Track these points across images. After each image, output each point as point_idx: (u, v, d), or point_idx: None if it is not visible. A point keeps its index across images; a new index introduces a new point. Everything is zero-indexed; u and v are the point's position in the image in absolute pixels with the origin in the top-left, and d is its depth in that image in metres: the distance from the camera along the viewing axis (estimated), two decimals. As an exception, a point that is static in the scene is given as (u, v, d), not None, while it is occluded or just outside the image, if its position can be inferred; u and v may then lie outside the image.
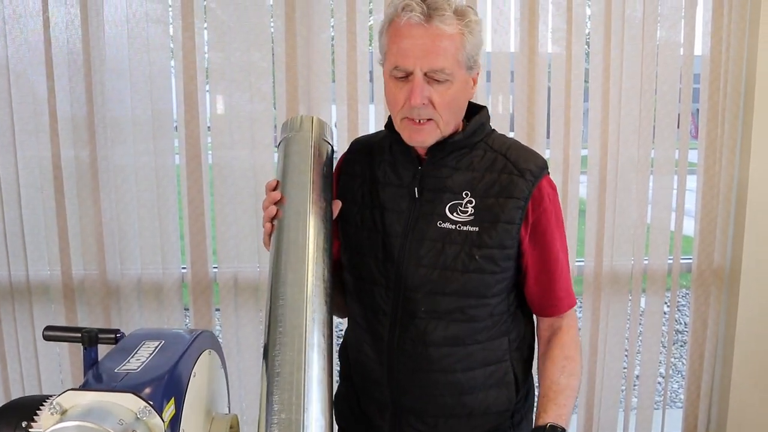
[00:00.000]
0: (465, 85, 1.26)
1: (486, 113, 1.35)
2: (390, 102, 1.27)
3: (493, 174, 1.29)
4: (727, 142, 2.53)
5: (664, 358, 2.72)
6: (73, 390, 0.84)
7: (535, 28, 2.43)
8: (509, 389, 1.37)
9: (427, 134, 1.25)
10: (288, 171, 1.29)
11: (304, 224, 1.18)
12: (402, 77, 1.22)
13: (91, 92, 2.36)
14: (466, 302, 1.30)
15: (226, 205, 2.45)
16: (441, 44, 1.18)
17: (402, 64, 1.20)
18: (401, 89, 1.22)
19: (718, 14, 2.47)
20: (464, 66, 1.23)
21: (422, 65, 1.19)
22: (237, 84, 2.42)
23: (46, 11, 2.32)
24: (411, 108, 1.22)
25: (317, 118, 1.40)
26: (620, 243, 2.57)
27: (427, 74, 1.20)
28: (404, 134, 1.27)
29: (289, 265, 1.13)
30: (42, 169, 2.41)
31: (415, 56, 1.19)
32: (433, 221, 1.29)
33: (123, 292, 2.47)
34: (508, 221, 1.27)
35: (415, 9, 1.17)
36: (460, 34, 1.20)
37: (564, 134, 2.49)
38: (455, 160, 1.30)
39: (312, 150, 1.30)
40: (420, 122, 1.24)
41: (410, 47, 1.19)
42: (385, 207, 1.34)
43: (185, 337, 1.08)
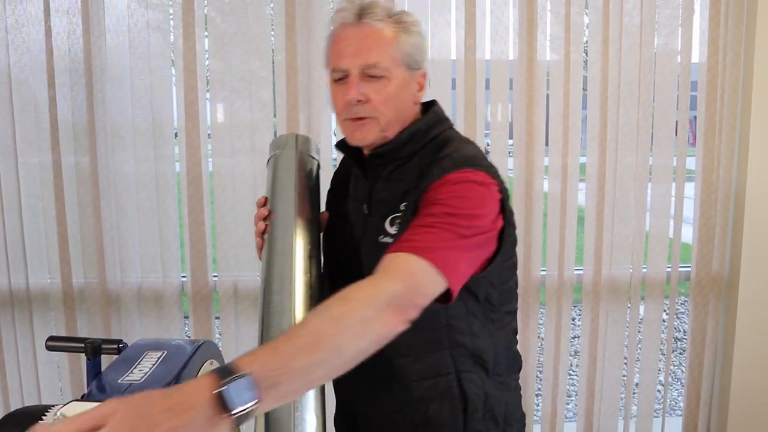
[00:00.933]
0: (405, 84, 1.25)
1: (430, 119, 1.29)
2: (334, 107, 1.27)
3: (424, 182, 1.21)
4: (725, 149, 2.55)
5: (664, 366, 2.72)
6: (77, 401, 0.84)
7: (533, 37, 2.44)
8: (453, 402, 1.27)
9: (367, 131, 1.24)
10: (276, 187, 1.34)
11: (291, 236, 1.22)
12: (341, 79, 1.23)
13: (92, 100, 2.37)
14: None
15: (226, 214, 2.46)
16: (373, 41, 1.21)
17: (338, 64, 1.22)
18: (340, 91, 1.23)
19: (715, 23, 2.48)
20: (402, 64, 1.23)
21: (356, 62, 1.20)
22: (237, 92, 2.43)
23: (48, 20, 2.34)
24: (349, 106, 1.22)
25: (303, 136, 1.46)
26: (619, 251, 2.58)
27: (364, 72, 1.21)
28: (346, 135, 1.28)
29: (278, 275, 1.17)
30: (42, 177, 2.42)
31: (348, 55, 1.21)
32: (376, 236, 1.26)
33: (123, 300, 2.47)
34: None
35: (347, 10, 1.22)
36: (394, 31, 1.22)
37: (563, 142, 2.50)
38: (392, 171, 1.28)
39: (297, 166, 1.36)
40: (360, 119, 1.24)
41: (344, 47, 1.22)
42: (349, 220, 1.35)
43: (187, 347, 1.08)
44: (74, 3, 2.34)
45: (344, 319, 0.91)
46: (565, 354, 2.63)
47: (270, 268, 1.18)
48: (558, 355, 2.61)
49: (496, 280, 1.28)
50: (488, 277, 1.25)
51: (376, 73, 1.21)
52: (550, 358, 2.61)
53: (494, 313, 1.30)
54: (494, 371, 1.31)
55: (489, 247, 1.21)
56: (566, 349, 2.63)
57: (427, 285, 1.05)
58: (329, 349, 0.88)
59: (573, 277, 2.57)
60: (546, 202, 2.54)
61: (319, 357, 0.86)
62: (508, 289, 1.32)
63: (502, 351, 1.33)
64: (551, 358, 2.61)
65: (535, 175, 2.50)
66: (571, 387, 3.93)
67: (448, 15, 2.43)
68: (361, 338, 0.93)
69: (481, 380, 1.29)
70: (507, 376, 1.34)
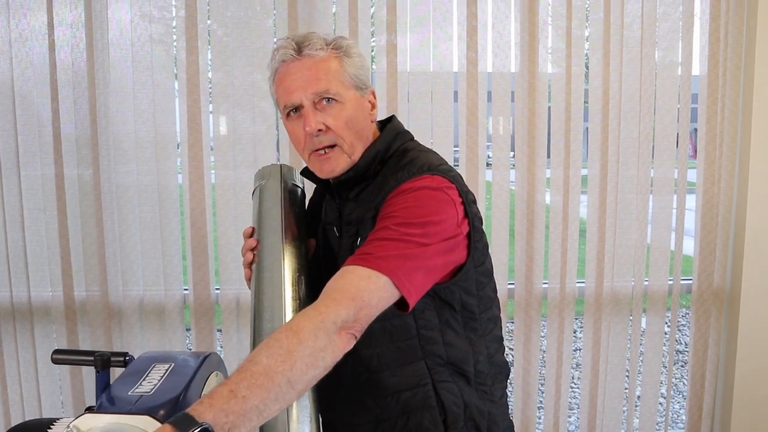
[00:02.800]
0: (359, 105, 1.26)
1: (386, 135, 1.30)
2: (294, 144, 1.27)
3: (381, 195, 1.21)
4: (726, 161, 2.56)
5: (665, 379, 2.72)
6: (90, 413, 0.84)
7: (534, 50, 2.46)
8: (432, 413, 1.26)
9: (335, 162, 1.25)
10: (261, 218, 1.36)
11: (280, 265, 1.23)
12: (295, 112, 1.23)
13: (95, 113, 2.38)
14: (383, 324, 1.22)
15: (228, 227, 2.46)
16: (318, 70, 1.21)
17: (288, 100, 1.22)
18: (298, 125, 1.23)
19: (715, 36, 2.50)
20: (351, 86, 1.25)
21: (306, 93, 1.21)
22: (240, 105, 2.44)
23: (51, 34, 2.35)
24: (310, 138, 1.22)
25: (286, 165, 1.48)
26: (621, 263, 2.58)
27: (316, 101, 1.21)
28: (315, 169, 1.28)
29: (269, 304, 1.17)
30: (45, 190, 2.42)
31: (297, 88, 1.21)
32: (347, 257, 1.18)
33: (125, 313, 2.47)
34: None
35: (286, 47, 1.22)
36: (336, 57, 1.23)
37: (564, 154, 2.51)
38: (358, 193, 1.29)
39: (282, 195, 1.37)
40: (325, 152, 1.24)
41: (291, 82, 1.22)
42: (325, 245, 1.37)
43: (194, 359, 1.08)
44: (78, 17, 2.35)
45: (294, 354, 0.91)
46: (567, 366, 2.62)
47: (260, 297, 1.19)
48: (560, 367, 2.60)
49: (472, 287, 1.27)
50: (461, 283, 1.24)
51: (330, 97, 1.21)
52: (551, 371, 2.61)
53: (475, 321, 1.29)
54: (476, 380, 1.30)
55: (457, 253, 1.20)
56: (568, 362, 2.62)
57: (376, 297, 1.04)
58: (283, 385, 0.89)
59: (575, 289, 2.57)
60: (547, 215, 2.55)
61: (274, 393, 0.88)
62: (485, 295, 1.31)
63: (484, 360, 1.32)
64: (553, 370, 2.61)
65: (537, 188, 2.51)
66: (573, 400, 3.92)
67: (449, 28, 2.45)
68: (313, 368, 0.94)
69: (460, 390, 1.28)
70: (492, 385, 1.33)
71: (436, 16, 2.44)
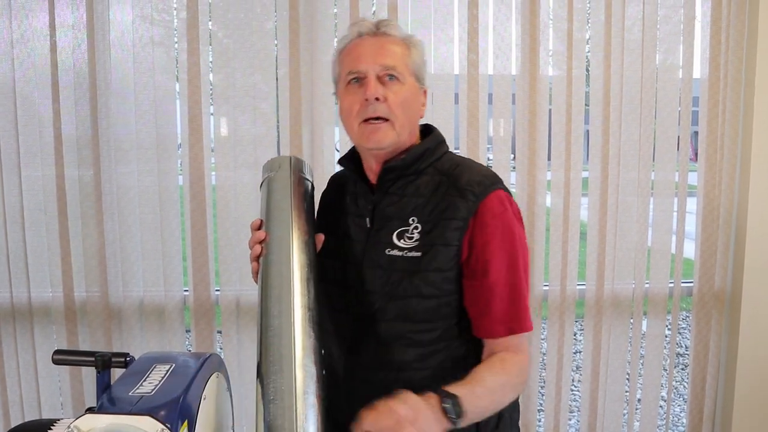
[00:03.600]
0: (416, 93, 1.33)
1: (435, 138, 1.38)
2: (346, 113, 1.31)
3: (437, 197, 1.29)
4: (727, 164, 2.55)
5: (666, 382, 2.71)
6: (91, 413, 0.84)
7: (535, 52, 2.46)
8: None
9: (384, 133, 1.29)
10: (270, 210, 1.34)
11: (288, 259, 1.21)
12: (356, 80, 1.29)
13: (96, 114, 2.38)
14: (413, 327, 1.29)
15: (229, 228, 2.46)
16: (390, 47, 1.29)
17: (355, 67, 1.28)
18: (356, 93, 1.29)
19: (716, 39, 2.50)
20: (413, 74, 1.32)
21: (374, 64, 1.27)
22: (240, 106, 2.44)
23: (53, 35, 2.35)
24: (367, 105, 1.27)
25: (295, 157, 1.47)
26: (621, 266, 2.58)
27: (381, 74, 1.27)
28: (362, 137, 1.31)
29: (276, 299, 1.16)
30: (46, 191, 2.42)
31: (366, 58, 1.28)
32: (383, 249, 1.30)
33: (125, 314, 2.47)
34: (446, 243, 1.26)
35: (363, 24, 1.31)
36: (406, 44, 1.32)
37: (565, 157, 2.51)
38: (401, 187, 1.33)
39: (291, 188, 1.36)
40: (377, 121, 1.28)
41: (362, 52, 1.29)
42: (348, 236, 1.37)
43: (194, 360, 1.08)
44: (79, 18, 2.35)
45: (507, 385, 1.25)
46: (567, 369, 2.62)
47: (267, 291, 1.18)
48: (560, 370, 2.60)
49: None
50: None
51: (394, 74, 1.28)
52: (552, 373, 2.60)
53: None
54: None
55: None
56: (568, 364, 2.62)
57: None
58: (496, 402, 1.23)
59: (575, 292, 2.57)
60: (548, 217, 2.54)
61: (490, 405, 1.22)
62: None
63: None
64: (553, 373, 2.60)
65: (538, 190, 2.51)
66: (573, 402, 3.92)
67: (450, 30, 2.45)
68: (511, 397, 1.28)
69: None
70: None
71: (436, 18, 2.45)
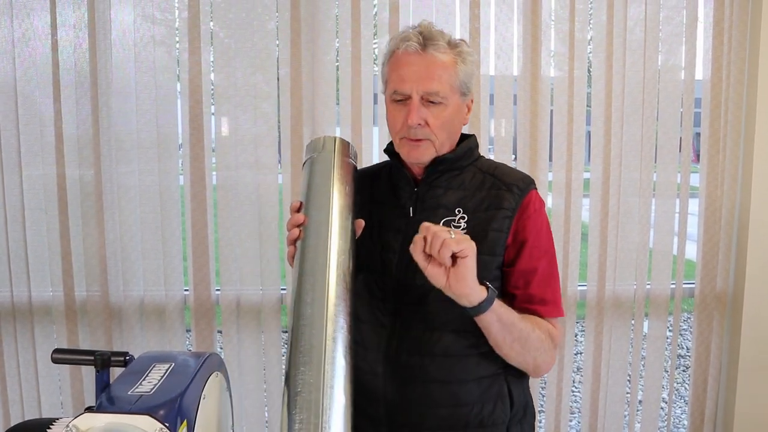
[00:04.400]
0: (459, 110, 1.37)
1: (474, 140, 1.45)
2: (390, 124, 1.38)
3: (482, 192, 1.38)
4: (729, 165, 2.55)
5: (667, 383, 2.71)
6: (89, 412, 0.83)
7: (537, 53, 2.45)
8: (504, 403, 1.38)
9: (423, 151, 1.35)
10: (311, 192, 1.31)
11: (326, 245, 1.20)
12: (401, 101, 1.33)
13: (97, 114, 2.38)
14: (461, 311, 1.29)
15: (229, 228, 2.46)
16: (435, 70, 1.30)
17: (400, 88, 1.32)
18: (400, 111, 1.33)
19: (718, 40, 2.50)
20: (458, 92, 1.34)
21: (418, 89, 1.30)
22: (241, 106, 2.44)
23: (54, 34, 2.35)
24: (408, 128, 1.32)
25: (340, 139, 1.44)
26: (623, 267, 2.57)
27: (423, 97, 1.31)
28: (403, 151, 1.37)
29: (310, 286, 1.14)
30: (46, 190, 2.42)
31: (412, 81, 1.30)
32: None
33: (125, 313, 2.46)
34: (498, 229, 1.34)
35: (412, 39, 1.31)
36: (453, 62, 1.32)
37: (566, 157, 2.50)
38: (447, 180, 1.40)
39: (334, 171, 1.33)
40: (417, 140, 1.34)
41: (408, 73, 1.31)
42: (382, 224, 1.41)
43: (194, 359, 1.08)
44: (81, 17, 2.35)
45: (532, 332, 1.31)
46: (568, 370, 2.61)
47: (302, 278, 1.16)
48: (561, 371, 2.59)
49: None
50: None
51: (436, 100, 1.31)
52: (553, 374, 2.60)
53: None
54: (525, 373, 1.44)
55: None
56: (569, 365, 2.62)
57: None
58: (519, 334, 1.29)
59: (576, 292, 2.57)
60: (549, 218, 2.53)
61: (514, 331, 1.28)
62: None
63: None
64: (554, 374, 2.60)
65: (539, 191, 2.49)
66: (574, 403, 3.91)
67: (452, 30, 2.45)
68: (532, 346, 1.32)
69: (523, 386, 1.46)
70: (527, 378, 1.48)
71: (438, 19, 2.44)
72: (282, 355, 2.56)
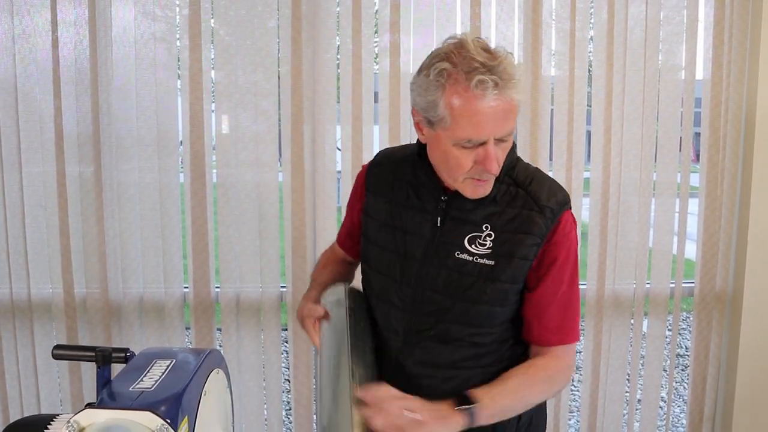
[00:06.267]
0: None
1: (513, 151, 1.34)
2: (453, 166, 1.24)
3: (513, 209, 1.30)
4: (729, 165, 2.55)
5: (666, 383, 2.71)
6: (90, 408, 0.83)
7: (538, 52, 2.45)
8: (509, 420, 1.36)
9: (487, 187, 1.28)
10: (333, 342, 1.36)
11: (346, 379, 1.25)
12: (470, 144, 1.20)
13: (98, 111, 2.38)
14: (475, 330, 1.33)
15: (229, 225, 2.46)
16: (510, 114, 1.19)
17: (477, 137, 1.18)
18: (468, 155, 1.21)
19: (719, 40, 2.50)
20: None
21: (496, 133, 1.19)
22: (242, 104, 2.43)
23: (55, 31, 2.35)
24: (483, 173, 1.23)
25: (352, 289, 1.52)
26: (622, 266, 2.57)
27: (497, 139, 1.21)
28: (466, 191, 1.28)
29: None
30: (46, 187, 2.42)
31: (490, 128, 1.18)
32: (452, 251, 1.31)
33: (125, 310, 2.46)
34: (524, 257, 1.28)
35: (489, 86, 1.14)
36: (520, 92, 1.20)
37: (566, 157, 2.50)
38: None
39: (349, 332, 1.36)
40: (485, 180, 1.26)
41: (485, 121, 1.17)
42: (407, 230, 1.36)
43: (195, 355, 1.08)
44: (81, 14, 2.35)
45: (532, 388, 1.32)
46: (568, 369, 2.61)
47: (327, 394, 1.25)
48: (561, 370, 2.59)
49: None
50: None
51: (506, 139, 1.22)
52: (552, 374, 2.59)
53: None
54: None
55: None
56: (569, 365, 2.61)
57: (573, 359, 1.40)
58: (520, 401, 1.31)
59: (576, 291, 2.56)
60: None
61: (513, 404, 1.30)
62: None
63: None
64: (554, 373, 2.59)
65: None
66: (573, 402, 3.91)
67: (452, 29, 2.45)
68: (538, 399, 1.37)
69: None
70: None
71: (439, 17, 2.44)
72: (281, 353, 2.56)
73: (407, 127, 2.43)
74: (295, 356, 2.53)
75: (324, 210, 2.47)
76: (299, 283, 2.47)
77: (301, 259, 2.47)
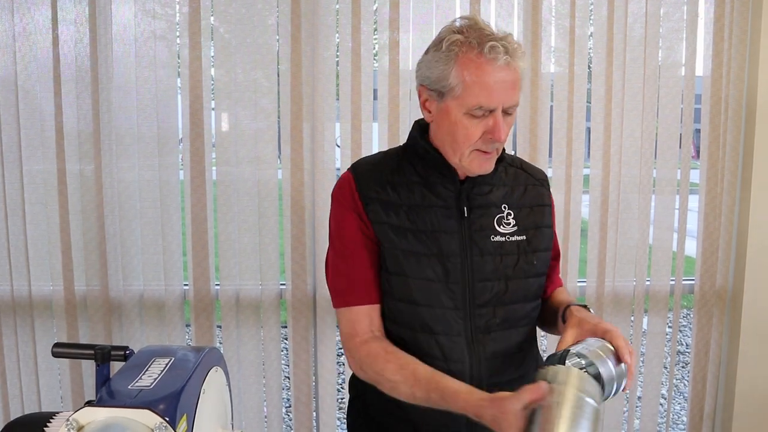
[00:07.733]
0: None
1: None
2: (461, 138, 1.27)
3: (520, 186, 1.42)
4: (729, 162, 2.55)
5: (666, 380, 2.71)
6: (89, 406, 0.84)
7: (537, 49, 2.45)
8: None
9: (493, 161, 1.33)
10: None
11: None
12: (480, 112, 1.24)
13: (98, 108, 2.38)
14: (531, 305, 1.40)
15: (229, 223, 2.46)
16: (518, 83, 1.25)
17: (488, 103, 1.23)
18: (477, 125, 1.25)
19: (719, 37, 2.49)
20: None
21: (504, 102, 1.24)
22: (241, 102, 2.44)
23: (55, 29, 2.35)
24: (492, 143, 1.26)
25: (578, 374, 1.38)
26: (622, 263, 2.57)
27: (505, 110, 1.25)
28: (472, 165, 1.30)
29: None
30: (47, 184, 2.42)
31: (500, 95, 1.23)
32: (486, 236, 1.35)
33: (125, 308, 2.47)
34: (548, 225, 1.43)
35: (500, 51, 1.20)
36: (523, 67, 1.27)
37: (566, 154, 2.50)
38: (491, 176, 1.36)
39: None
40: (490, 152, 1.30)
41: (496, 86, 1.22)
42: (435, 229, 1.33)
43: (194, 353, 1.08)
44: (81, 12, 2.35)
45: None
46: (568, 366, 2.61)
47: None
48: (561, 367, 2.59)
49: None
50: None
51: (511, 111, 1.27)
52: (552, 370, 2.60)
53: None
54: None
55: None
56: (569, 362, 2.61)
57: None
58: None
59: (576, 289, 2.57)
60: (549, 213, 2.53)
61: None
62: None
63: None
64: (554, 370, 2.60)
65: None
66: (573, 400, 3.91)
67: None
68: None
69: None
70: None
71: (438, 14, 2.44)
72: (281, 350, 2.56)
73: (406, 124, 2.43)
74: (294, 353, 2.53)
75: (323, 207, 2.47)
76: (298, 281, 2.47)
77: (300, 257, 2.47)
